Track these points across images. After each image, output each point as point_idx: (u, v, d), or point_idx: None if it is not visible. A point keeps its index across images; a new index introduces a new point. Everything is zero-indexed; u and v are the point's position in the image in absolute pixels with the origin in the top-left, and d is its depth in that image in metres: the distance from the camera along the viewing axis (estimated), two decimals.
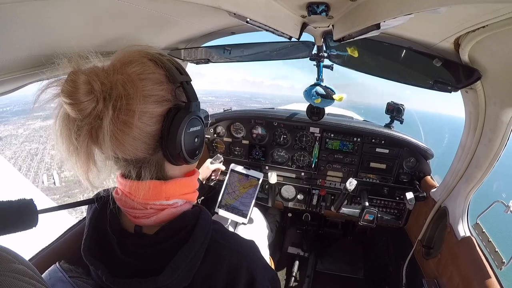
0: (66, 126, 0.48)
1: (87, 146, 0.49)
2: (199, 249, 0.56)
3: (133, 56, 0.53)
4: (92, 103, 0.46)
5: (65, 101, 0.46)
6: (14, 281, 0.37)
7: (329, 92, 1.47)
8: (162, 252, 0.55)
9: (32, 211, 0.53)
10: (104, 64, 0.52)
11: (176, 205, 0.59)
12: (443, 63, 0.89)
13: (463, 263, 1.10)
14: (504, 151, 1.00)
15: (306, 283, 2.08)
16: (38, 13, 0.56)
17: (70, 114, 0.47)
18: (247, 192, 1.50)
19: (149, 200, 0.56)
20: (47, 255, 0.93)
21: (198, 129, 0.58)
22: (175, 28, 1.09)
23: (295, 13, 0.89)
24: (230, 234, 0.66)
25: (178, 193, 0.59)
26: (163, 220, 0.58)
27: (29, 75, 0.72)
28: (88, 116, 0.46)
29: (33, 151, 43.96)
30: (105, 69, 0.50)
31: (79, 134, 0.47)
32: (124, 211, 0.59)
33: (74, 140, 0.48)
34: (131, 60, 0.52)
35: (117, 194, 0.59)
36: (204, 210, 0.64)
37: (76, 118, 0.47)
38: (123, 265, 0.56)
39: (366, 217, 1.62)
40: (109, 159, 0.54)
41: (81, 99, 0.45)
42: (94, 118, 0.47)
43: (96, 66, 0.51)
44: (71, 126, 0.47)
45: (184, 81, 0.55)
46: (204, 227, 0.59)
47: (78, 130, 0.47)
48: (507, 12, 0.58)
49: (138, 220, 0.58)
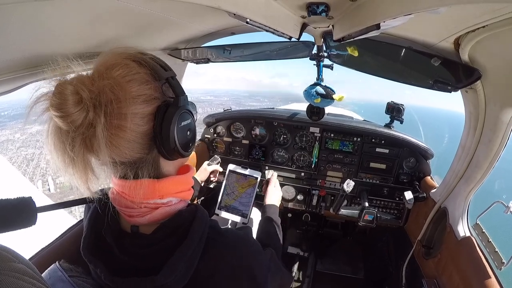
0: (59, 139, 0.47)
1: (83, 156, 0.48)
2: (197, 247, 0.56)
3: (115, 59, 0.52)
4: (82, 112, 0.45)
5: (55, 114, 0.45)
6: (14, 280, 0.37)
7: (329, 92, 1.47)
8: (160, 251, 0.56)
9: (31, 209, 0.53)
10: (88, 71, 0.51)
11: (170, 204, 0.59)
12: (443, 63, 0.89)
13: (463, 263, 1.10)
14: (504, 151, 1.00)
15: (306, 283, 2.08)
16: (37, 14, 0.56)
17: (61, 127, 0.46)
18: (246, 192, 1.50)
19: (143, 199, 0.56)
20: (47, 255, 0.93)
21: (189, 122, 0.59)
22: (175, 28, 1.09)
23: (295, 14, 0.89)
24: (226, 229, 0.67)
25: (172, 191, 0.59)
26: (157, 219, 0.58)
27: (28, 75, 0.72)
28: (80, 126, 0.46)
29: (29, 156, 43.41)
30: (90, 76, 0.50)
31: (73, 145, 0.47)
32: (119, 210, 0.59)
33: (70, 151, 0.47)
34: (114, 63, 0.51)
35: (112, 194, 0.59)
36: (200, 208, 0.64)
37: (69, 130, 0.46)
38: (122, 264, 0.56)
39: (366, 218, 1.62)
40: (106, 165, 0.53)
41: (71, 110, 0.44)
42: (87, 127, 0.46)
43: (80, 74, 0.50)
44: (65, 139, 0.47)
45: (169, 77, 0.55)
46: (201, 225, 0.59)
47: (72, 141, 0.47)
48: (507, 12, 0.58)
49: (133, 219, 0.58)
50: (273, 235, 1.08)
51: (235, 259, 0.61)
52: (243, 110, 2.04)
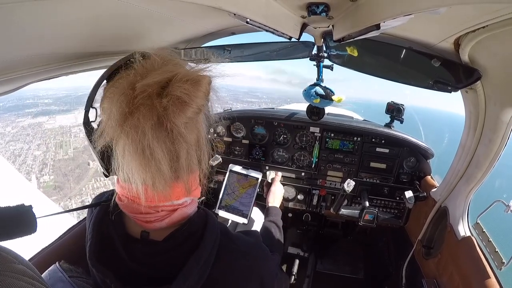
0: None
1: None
2: (210, 255, 0.56)
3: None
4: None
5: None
6: (14, 281, 0.37)
7: (328, 93, 1.47)
8: (173, 260, 0.55)
9: (31, 217, 0.51)
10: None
11: (185, 204, 0.59)
12: (443, 63, 0.90)
13: (463, 263, 1.10)
14: (504, 151, 1.00)
15: (306, 283, 2.08)
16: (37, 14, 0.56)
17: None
18: (246, 192, 1.50)
19: (160, 202, 0.55)
20: (47, 255, 0.93)
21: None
22: (175, 28, 1.09)
23: (295, 14, 0.89)
24: (237, 235, 0.66)
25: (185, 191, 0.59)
26: (175, 222, 0.57)
27: (28, 75, 0.72)
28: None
29: (17, 152, 42.68)
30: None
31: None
32: (132, 217, 0.58)
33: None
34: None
35: (120, 200, 0.58)
36: (210, 213, 0.64)
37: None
38: (132, 272, 0.55)
39: (366, 217, 1.62)
40: None
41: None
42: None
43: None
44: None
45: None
46: (213, 232, 0.59)
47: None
48: (507, 13, 0.58)
49: (151, 224, 0.56)
50: (276, 240, 1.08)
51: (246, 266, 0.61)
52: (243, 110, 2.04)
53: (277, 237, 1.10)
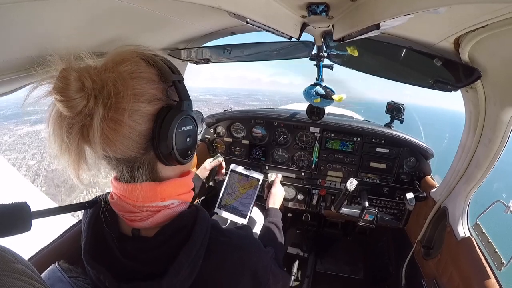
0: (58, 124, 0.48)
1: (78, 144, 0.49)
2: (200, 248, 0.56)
3: (125, 55, 0.53)
4: (83, 100, 0.46)
5: (57, 98, 0.46)
6: (14, 280, 0.37)
7: (329, 92, 1.47)
8: (164, 254, 0.55)
9: (26, 215, 0.51)
10: (97, 64, 0.52)
11: (172, 206, 0.59)
12: (443, 63, 0.90)
13: (462, 264, 1.10)
14: (504, 151, 0.99)
15: (305, 283, 2.07)
16: (37, 14, 0.56)
17: (61, 112, 0.47)
18: (247, 192, 1.50)
19: (144, 202, 0.56)
20: (47, 255, 0.93)
21: (190, 128, 0.57)
22: (175, 28, 1.09)
23: (295, 13, 0.89)
24: (227, 229, 0.67)
25: (173, 193, 0.59)
26: (159, 222, 0.58)
27: (26, 77, 0.72)
28: (79, 113, 0.47)
29: (12, 161, 41.26)
30: (97, 67, 0.51)
31: (70, 132, 0.48)
32: (120, 215, 0.59)
33: (65, 138, 0.48)
34: (123, 59, 0.52)
35: (112, 198, 0.59)
36: (201, 208, 0.64)
37: (68, 116, 0.47)
38: (125, 269, 0.56)
39: (366, 218, 1.61)
40: (99, 159, 0.54)
41: (72, 96, 0.45)
42: (85, 116, 0.47)
43: (88, 64, 0.51)
44: (63, 124, 0.48)
45: (176, 80, 0.55)
46: (203, 226, 0.59)
47: (69, 128, 0.48)
48: (507, 12, 0.58)
49: (135, 223, 0.57)
50: (276, 241, 1.09)
51: (237, 257, 0.61)
52: (243, 110, 2.05)
53: (278, 238, 1.10)
